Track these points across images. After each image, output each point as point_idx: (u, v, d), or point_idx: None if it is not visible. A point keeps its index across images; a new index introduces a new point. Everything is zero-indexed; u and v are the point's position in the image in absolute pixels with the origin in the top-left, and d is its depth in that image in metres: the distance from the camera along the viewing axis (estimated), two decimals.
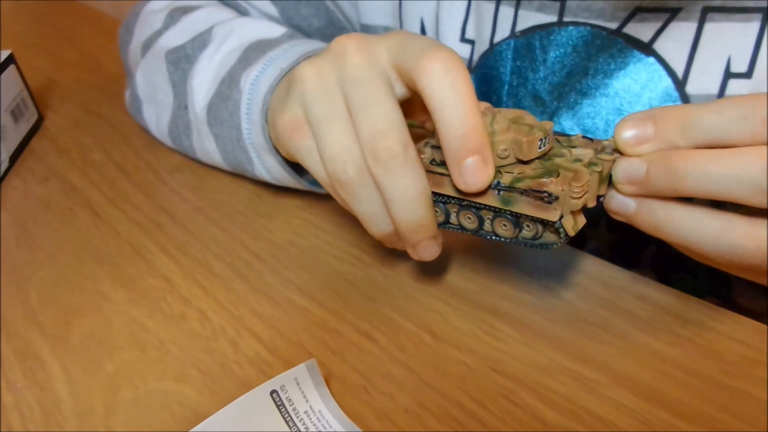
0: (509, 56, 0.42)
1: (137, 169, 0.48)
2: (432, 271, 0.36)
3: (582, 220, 0.27)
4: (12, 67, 0.52)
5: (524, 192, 0.26)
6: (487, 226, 0.29)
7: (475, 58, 0.44)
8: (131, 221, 0.42)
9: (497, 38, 0.42)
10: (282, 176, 0.39)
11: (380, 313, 0.33)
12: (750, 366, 0.29)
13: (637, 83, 0.38)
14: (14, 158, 0.51)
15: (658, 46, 0.37)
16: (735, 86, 0.35)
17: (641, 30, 0.37)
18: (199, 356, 0.32)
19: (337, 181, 0.29)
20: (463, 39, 0.44)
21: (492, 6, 0.42)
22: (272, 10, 0.50)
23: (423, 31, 0.47)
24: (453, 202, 0.28)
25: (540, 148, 0.27)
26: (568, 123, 0.40)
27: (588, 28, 0.38)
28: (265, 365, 0.31)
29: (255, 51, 0.40)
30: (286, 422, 0.27)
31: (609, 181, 0.27)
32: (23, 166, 0.50)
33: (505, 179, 0.27)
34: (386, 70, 0.28)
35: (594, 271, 0.35)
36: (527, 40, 0.41)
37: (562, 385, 0.29)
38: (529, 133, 0.26)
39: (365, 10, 0.50)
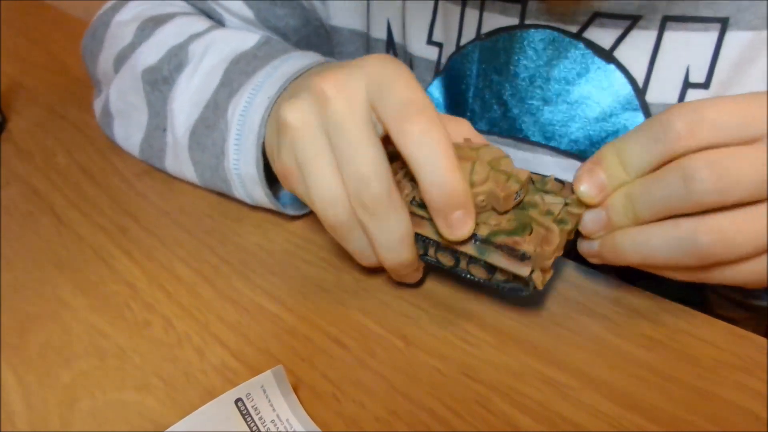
0: (475, 58, 0.41)
1: (102, 173, 0.47)
2: None
3: (550, 273, 0.29)
4: None
5: (499, 246, 0.28)
6: (462, 265, 0.30)
7: (443, 60, 0.44)
8: (95, 225, 0.41)
9: (463, 40, 0.42)
10: (265, 203, 0.39)
11: (351, 319, 0.33)
12: (724, 369, 0.28)
13: (598, 91, 0.38)
14: None
15: (619, 54, 0.37)
16: (693, 96, 0.36)
17: (602, 36, 0.37)
18: (162, 365, 0.30)
19: (327, 225, 0.30)
20: (430, 41, 0.44)
21: (458, 8, 0.41)
22: (248, 12, 0.48)
23: (390, 33, 0.47)
24: (431, 243, 0.30)
25: (515, 199, 0.29)
26: (530, 129, 0.40)
27: (549, 31, 0.38)
28: (231, 373, 0.30)
29: (236, 72, 0.40)
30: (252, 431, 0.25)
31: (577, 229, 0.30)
32: None
33: (482, 231, 0.28)
34: (367, 111, 0.28)
35: (567, 275, 0.34)
36: (492, 43, 0.40)
37: (536, 390, 0.28)
38: (506, 187, 0.28)
39: (334, 11, 0.49)
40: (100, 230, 0.40)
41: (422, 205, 0.29)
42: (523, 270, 0.27)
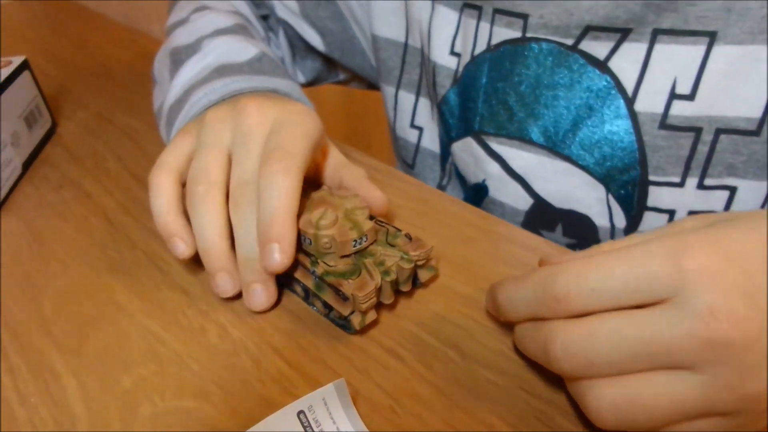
0: (485, 68, 0.44)
1: None
2: (457, 286, 0.35)
3: (371, 317, 0.32)
4: (26, 73, 0.52)
5: (330, 285, 0.31)
6: (311, 299, 0.34)
7: (460, 69, 0.47)
8: (146, 230, 0.41)
9: (477, 51, 0.45)
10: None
11: (405, 330, 0.32)
12: None
13: (592, 98, 0.40)
14: (27, 165, 0.50)
15: (613, 65, 0.39)
16: (678, 107, 0.37)
17: (596, 48, 0.39)
18: (220, 372, 0.31)
19: (189, 193, 0.34)
20: (452, 52, 0.47)
21: (474, 22, 0.45)
22: (294, 5, 0.56)
23: (421, 42, 0.50)
24: (292, 276, 0.34)
25: (355, 246, 0.32)
26: (534, 133, 0.43)
27: (547, 43, 0.41)
28: (288, 383, 0.30)
29: (216, 74, 0.45)
30: None
31: (415, 275, 0.34)
32: (37, 174, 0.49)
33: (320, 269, 0.32)
34: (265, 137, 0.34)
35: None
36: (499, 54, 0.43)
37: None
38: (346, 233, 0.32)
39: (376, 21, 0.53)
40: (152, 236, 0.41)
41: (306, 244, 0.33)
42: (344, 309, 0.31)
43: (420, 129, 0.54)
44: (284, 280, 0.35)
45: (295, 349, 0.32)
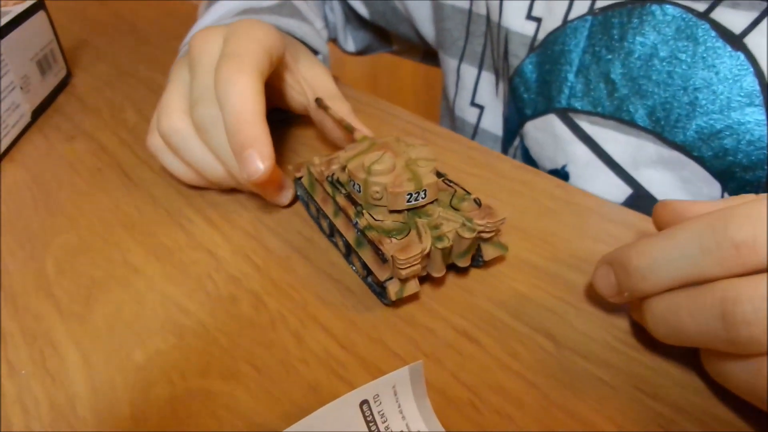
0: (584, 34, 0.38)
1: None
2: (540, 262, 0.29)
3: (412, 288, 0.26)
4: (41, 14, 0.46)
5: (370, 242, 0.26)
6: (351, 256, 0.29)
7: (540, 36, 0.40)
8: (168, 185, 0.36)
9: (572, 15, 0.38)
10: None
11: (481, 309, 0.26)
12: None
13: (718, 79, 0.33)
14: (37, 114, 0.44)
15: (750, 41, 0.32)
16: None
17: (732, 18, 0.32)
18: (254, 349, 0.25)
19: (161, 132, 0.32)
20: (529, 16, 0.41)
21: None
22: None
23: (487, 8, 0.44)
24: (329, 223, 0.30)
25: (409, 200, 0.26)
26: (638, 113, 0.36)
27: (674, 7, 0.34)
28: (337, 365, 0.24)
29: (236, 16, 0.43)
30: None
31: (478, 250, 0.28)
32: (47, 123, 0.44)
33: (363, 221, 0.27)
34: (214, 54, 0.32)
35: None
36: (605, 18, 0.37)
37: (733, 412, 0.21)
38: (400, 185, 0.26)
39: None
40: (175, 191, 0.35)
41: (335, 184, 0.29)
42: (381, 273, 0.26)
43: (481, 108, 0.48)
44: (328, 229, 0.30)
45: (346, 324, 0.26)
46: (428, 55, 0.62)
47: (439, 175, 0.29)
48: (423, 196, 0.26)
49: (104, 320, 0.27)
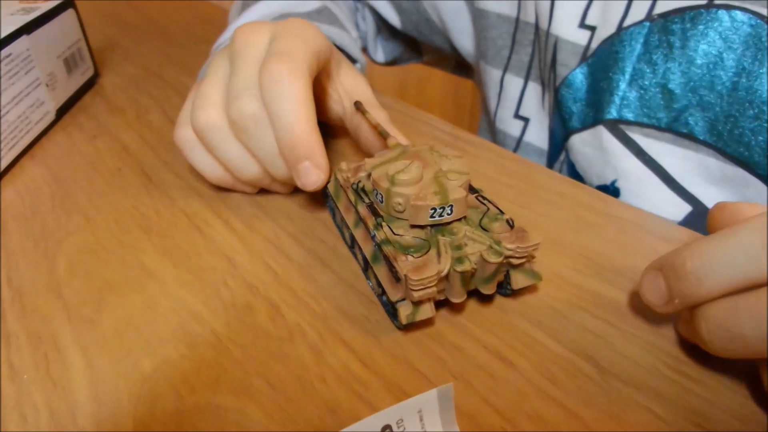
0: (640, 41, 0.35)
1: None
2: (581, 280, 0.27)
3: (426, 313, 0.23)
4: (70, 12, 0.46)
5: (386, 258, 0.24)
6: (368, 270, 0.26)
7: (594, 45, 0.38)
8: (188, 188, 0.34)
9: (627, 21, 0.36)
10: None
11: (515, 328, 0.24)
12: None
13: None
14: (62, 112, 0.44)
15: None
16: None
17: None
18: (269, 363, 0.23)
19: (196, 126, 0.30)
20: (583, 25, 0.39)
21: None
22: None
23: (536, 16, 0.42)
24: (350, 235, 0.28)
25: (432, 216, 0.24)
26: (698, 125, 0.34)
27: (743, 13, 0.31)
28: (358, 384, 0.22)
29: (275, 18, 0.43)
30: None
31: (507, 278, 0.25)
32: (71, 122, 0.43)
33: (381, 234, 0.24)
34: (262, 50, 0.30)
35: None
36: (665, 24, 0.34)
37: None
38: (425, 197, 0.24)
39: None
40: (195, 193, 0.34)
41: (359, 192, 0.27)
42: (393, 293, 0.23)
43: (525, 120, 0.46)
44: (349, 240, 0.29)
45: (369, 340, 0.24)
46: (460, 66, 0.61)
47: (473, 190, 0.27)
48: (449, 212, 0.24)
49: (113, 325, 0.25)
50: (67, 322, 0.25)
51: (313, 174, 0.27)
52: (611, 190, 0.38)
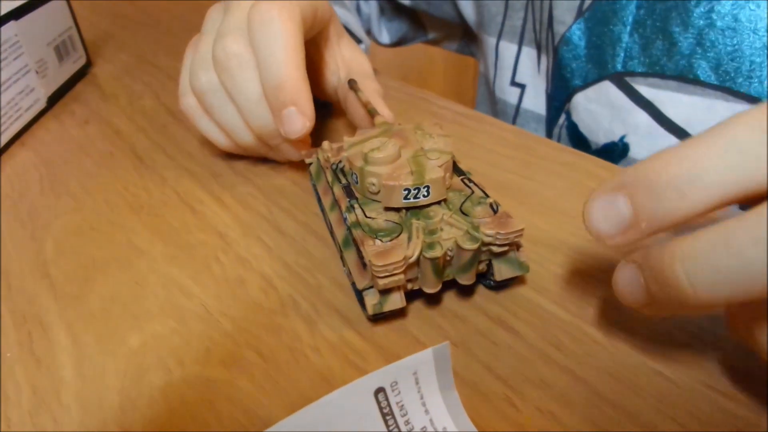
0: None
1: None
2: (587, 247, 0.26)
3: (395, 303, 0.21)
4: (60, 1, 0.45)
5: (355, 242, 0.22)
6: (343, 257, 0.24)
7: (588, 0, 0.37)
8: (181, 168, 0.34)
9: None
10: None
11: (518, 295, 0.23)
12: None
13: None
14: (54, 100, 0.43)
15: None
16: None
17: None
18: (261, 335, 0.22)
19: (195, 88, 0.29)
20: None
21: None
22: None
23: None
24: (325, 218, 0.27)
25: (407, 198, 0.22)
26: (703, 69, 0.32)
27: None
28: (354, 354, 0.21)
29: None
30: None
31: (490, 267, 0.22)
32: (63, 110, 0.42)
33: (352, 217, 0.22)
34: None
35: None
36: None
37: None
38: (399, 177, 0.22)
39: None
40: (188, 174, 0.33)
41: (337, 173, 0.25)
42: (360, 280, 0.21)
43: (522, 86, 0.45)
44: (328, 224, 0.27)
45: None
46: (465, 41, 0.60)
47: (460, 172, 0.25)
48: (425, 193, 0.22)
49: (100, 302, 0.24)
50: (53, 300, 0.24)
51: (298, 121, 0.26)
52: (620, 146, 0.37)
